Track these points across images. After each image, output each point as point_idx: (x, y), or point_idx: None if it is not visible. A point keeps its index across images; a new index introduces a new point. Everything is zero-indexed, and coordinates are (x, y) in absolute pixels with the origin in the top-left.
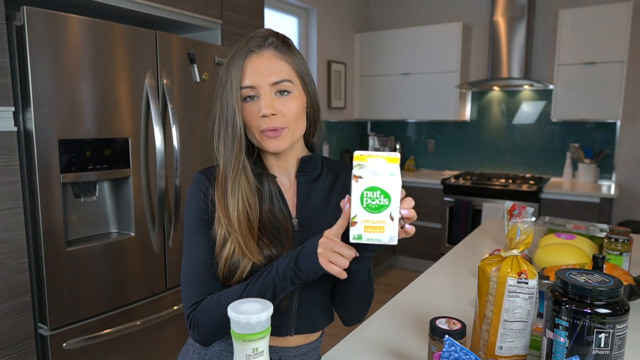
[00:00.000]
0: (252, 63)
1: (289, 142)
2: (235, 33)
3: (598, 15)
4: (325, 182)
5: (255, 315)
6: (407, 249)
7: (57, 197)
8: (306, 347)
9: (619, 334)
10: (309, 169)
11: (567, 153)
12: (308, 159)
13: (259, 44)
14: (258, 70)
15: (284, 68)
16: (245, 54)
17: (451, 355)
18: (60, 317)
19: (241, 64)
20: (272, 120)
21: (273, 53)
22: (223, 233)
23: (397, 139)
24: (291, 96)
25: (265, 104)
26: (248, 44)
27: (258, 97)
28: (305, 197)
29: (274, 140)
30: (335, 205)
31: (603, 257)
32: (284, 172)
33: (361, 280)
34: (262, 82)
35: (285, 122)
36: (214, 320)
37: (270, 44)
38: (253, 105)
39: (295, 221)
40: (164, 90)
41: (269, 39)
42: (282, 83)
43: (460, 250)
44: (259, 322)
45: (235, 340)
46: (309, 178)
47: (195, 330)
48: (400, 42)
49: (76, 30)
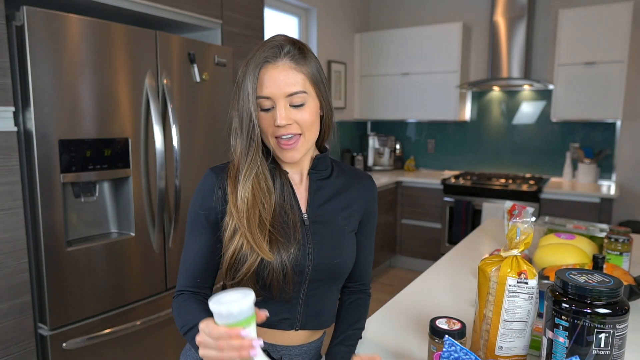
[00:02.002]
0: (268, 74)
1: (303, 151)
2: (235, 33)
3: (598, 15)
4: (337, 182)
5: (237, 303)
6: (407, 249)
7: (57, 197)
8: (308, 346)
9: (619, 334)
10: (321, 167)
11: (567, 153)
12: (321, 157)
13: (274, 54)
14: (274, 82)
15: (299, 79)
16: (262, 63)
17: (451, 355)
18: (60, 317)
19: (257, 73)
20: (287, 129)
21: (288, 64)
22: (233, 226)
23: (397, 139)
24: (305, 106)
25: (280, 115)
26: (264, 52)
27: (273, 107)
28: (316, 194)
29: (289, 152)
30: (344, 205)
31: (603, 257)
32: (296, 168)
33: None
34: (277, 93)
35: (300, 129)
36: (177, 322)
37: (286, 54)
38: (269, 115)
39: (305, 216)
40: (164, 90)
41: (285, 48)
42: (296, 95)
43: (460, 250)
44: (240, 311)
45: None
46: (321, 176)
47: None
48: (400, 42)
49: (76, 30)
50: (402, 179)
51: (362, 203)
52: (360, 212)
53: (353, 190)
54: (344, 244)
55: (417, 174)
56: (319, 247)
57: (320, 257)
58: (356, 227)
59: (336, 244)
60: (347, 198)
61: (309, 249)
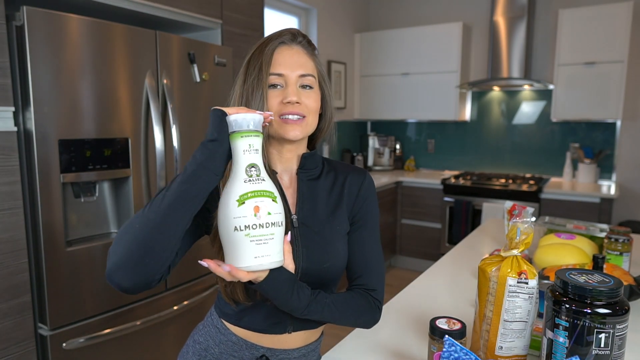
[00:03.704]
0: (283, 54)
1: (305, 132)
2: (235, 33)
3: (598, 15)
4: (326, 182)
5: (241, 115)
6: (407, 249)
7: (57, 197)
8: (306, 348)
9: (619, 334)
10: (309, 166)
11: (567, 153)
12: (309, 156)
13: (290, 39)
14: (288, 61)
15: (310, 64)
16: (277, 44)
17: (451, 355)
18: (60, 317)
19: (272, 52)
20: (294, 107)
21: (303, 50)
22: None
23: (397, 139)
24: (312, 91)
25: (292, 91)
26: (280, 37)
27: (282, 85)
28: (305, 196)
29: (293, 128)
30: (334, 206)
31: (603, 257)
32: (285, 168)
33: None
34: (290, 73)
35: (306, 111)
36: (136, 234)
37: (300, 42)
38: (278, 92)
39: (294, 217)
40: (164, 90)
41: (298, 38)
42: (307, 77)
43: (460, 250)
44: (244, 120)
45: (233, 141)
46: (310, 176)
47: (108, 261)
48: (400, 42)
49: (76, 30)
50: (402, 179)
51: (351, 199)
52: (349, 209)
53: (344, 187)
54: (334, 247)
55: (417, 174)
56: (308, 251)
57: (310, 261)
58: (348, 227)
59: (325, 247)
60: (337, 197)
61: (297, 252)
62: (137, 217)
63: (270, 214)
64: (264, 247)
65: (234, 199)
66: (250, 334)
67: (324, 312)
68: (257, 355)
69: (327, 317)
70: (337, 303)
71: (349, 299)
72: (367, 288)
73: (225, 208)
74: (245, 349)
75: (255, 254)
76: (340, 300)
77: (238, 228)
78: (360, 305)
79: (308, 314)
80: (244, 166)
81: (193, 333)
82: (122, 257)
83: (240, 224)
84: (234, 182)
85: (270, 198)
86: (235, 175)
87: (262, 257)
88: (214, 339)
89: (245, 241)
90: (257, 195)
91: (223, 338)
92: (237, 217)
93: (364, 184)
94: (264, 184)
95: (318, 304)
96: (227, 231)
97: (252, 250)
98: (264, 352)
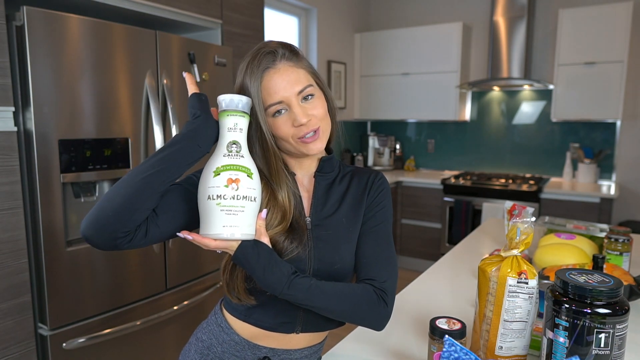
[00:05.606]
0: (272, 80)
1: (324, 141)
2: (235, 33)
3: (598, 15)
4: (340, 187)
5: (231, 95)
6: (407, 249)
7: (57, 197)
8: (309, 349)
9: (619, 334)
10: (327, 169)
11: (567, 153)
12: (327, 159)
13: (272, 60)
14: (281, 85)
15: (302, 75)
16: (261, 73)
17: (451, 355)
18: (60, 317)
19: (259, 84)
20: (308, 126)
21: (287, 64)
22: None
23: (397, 139)
24: (315, 98)
25: (299, 113)
26: (260, 63)
27: (287, 109)
28: (321, 199)
29: (313, 144)
30: (347, 210)
31: (603, 257)
32: (304, 171)
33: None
34: (288, 95)
35: (317, 121)
36: (119, 191)
37: (282, 56)
38: (285, 118)
39: (308, 219)
40: (164, 90)
41: (279, 51)
42: (306, 89)
43: (460, 250)
44: (232, 100)
45: (221, 119)
46: (327, 180)
47: (87, 217)
48: (400, 42)
49: (76, 30)
50: (402, 179)
51: (364, 199)
52: (364, 210)
53: (358, 190)
54: (346, 249)
55: (417, 174)
56: (320, 252)
57: (321, 262)
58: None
59: (337, 249)
60: (352, 201)
61: (309, 253)
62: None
63: (242, 187)
64: (233, 217)
65: (212, 170)
66: (256, 332)
67: (310, 295)
68: (260, 356)
69: (316, 302)
70: (326, 287)
71: (345, 287)
72: (369, 278)
73: (203, 178)
74: (248, 349)
75: (224, 223)
76: (333, 286)
77: (211, 197)
78: (358, 295)
79: (290, 293)
80: (226, 142)
81: (196, 331)
82: (96, 207)
83: (213, 193)
84: (214, 156)
85: (245, 173)
86: (217, 150)
87: (230, 227)
88: (217, 337)
89: (216, 210)
90: (233, 168)
91: (226, 337)
92: (211, 187)
93: (376, 181)
94: (242, 160)
95: (300, 284)
96: (202, 199)
97: (222, 219)
98: (266, 353)
